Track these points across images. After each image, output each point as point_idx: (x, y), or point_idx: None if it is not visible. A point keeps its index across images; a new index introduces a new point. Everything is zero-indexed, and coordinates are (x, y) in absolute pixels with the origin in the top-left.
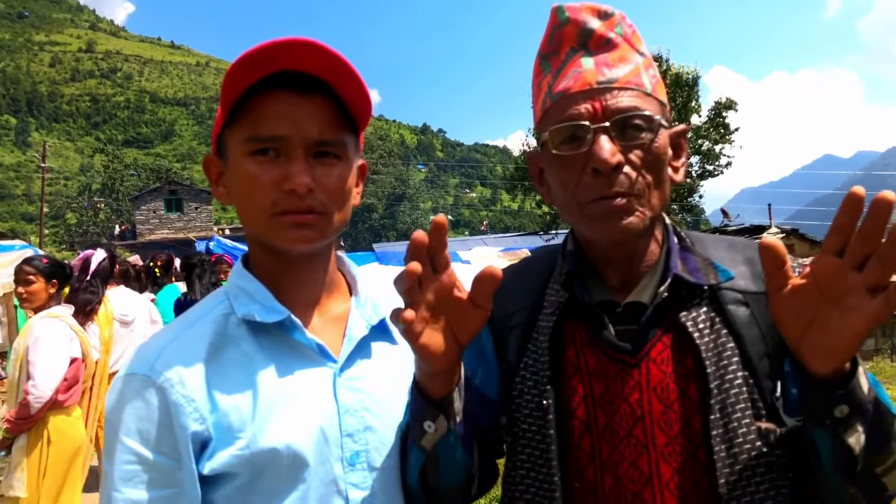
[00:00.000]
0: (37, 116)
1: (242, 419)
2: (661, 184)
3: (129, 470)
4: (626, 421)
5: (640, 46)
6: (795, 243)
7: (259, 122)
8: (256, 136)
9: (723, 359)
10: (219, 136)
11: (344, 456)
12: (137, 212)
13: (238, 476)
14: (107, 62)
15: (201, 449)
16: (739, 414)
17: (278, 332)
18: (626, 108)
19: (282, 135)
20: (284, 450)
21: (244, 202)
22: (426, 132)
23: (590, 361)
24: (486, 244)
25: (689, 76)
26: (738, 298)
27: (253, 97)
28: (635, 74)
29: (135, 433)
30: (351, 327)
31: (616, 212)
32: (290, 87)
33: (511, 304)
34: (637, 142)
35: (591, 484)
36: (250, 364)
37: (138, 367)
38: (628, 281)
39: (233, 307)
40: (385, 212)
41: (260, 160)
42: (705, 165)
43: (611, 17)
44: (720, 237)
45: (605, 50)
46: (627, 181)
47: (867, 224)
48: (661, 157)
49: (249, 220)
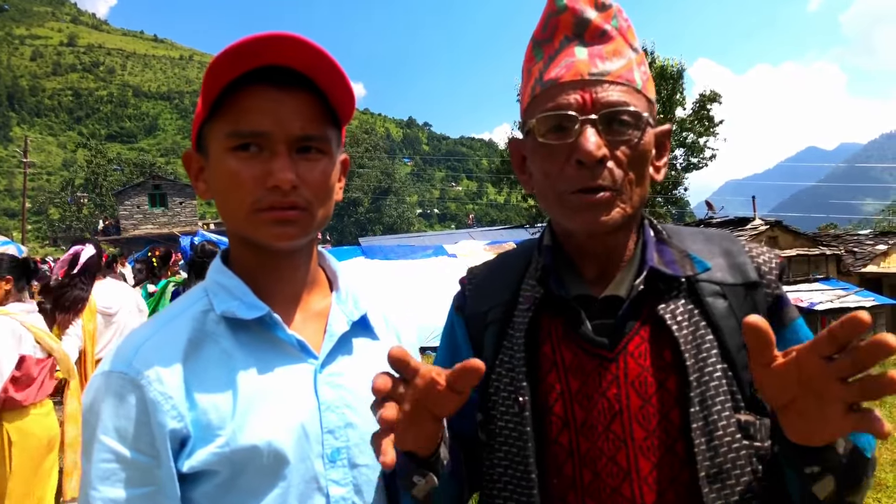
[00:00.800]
0: (18, 111)
1: (222, 416)
2: (643, 182)
3: (106, 468)
4: (604, 416)
5: (634, 42)
6: (779, 235)
7: (241, 117)
8: (238, 132)
9: (702, 351)
10: (199, 131)
11: (325, 452)
12: (121, 207)
13: (218, 474)
14: (89, 56)
15: (180, 447)
16: (719, 406)
17: (258, 328)
18: (615, 102)
19: (264, 130)
20: (265, 447)
21: (225, 198)
22: (412, 126)
23: (566, 356)
24: (473, 237)
25: (673, 69)
26: (716, 290)
27: (234, 92)
28: (628, 69)
29: (112, 431)
30: (332, 323)
31: (597, 205)
32: (272, 82)
33: (487, 300)
34: (623, 137)
35: (569, 479)
36: (230, 361)
37: (115, 364)
38: (605, 275)
39: (212, 303)
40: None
41: (242, 156)
42: (690, 158)
43: (608, 8)
44: (697, 230)
45: (599, 42)
46: (610, 176)
47: (863, 355)
48: (646, 155)
49: (231, 215)
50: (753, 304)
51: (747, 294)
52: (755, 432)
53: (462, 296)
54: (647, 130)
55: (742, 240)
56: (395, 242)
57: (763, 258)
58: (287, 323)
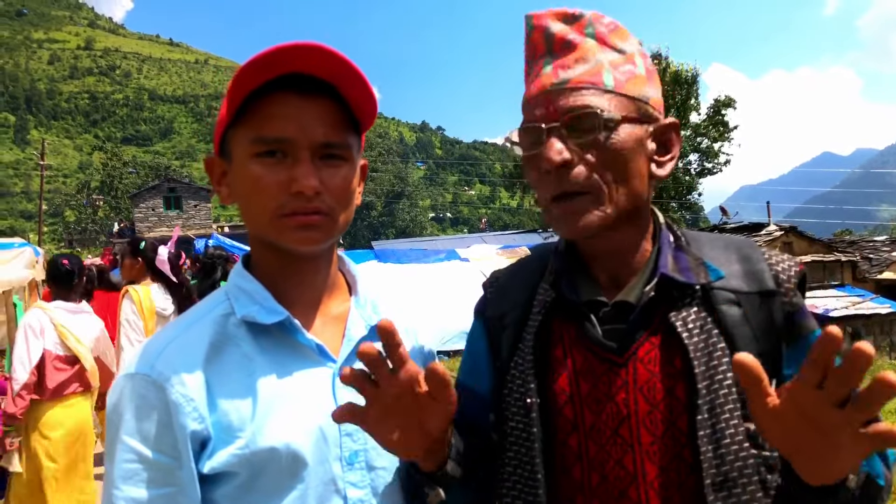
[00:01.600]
0: (35, 114)
1: (242, 418)
2: (627, 180)
3: (129, 468)
4: (612, 420)
5: (619, 44)
6: (794, 241)
7: (265, 123)
8: (262, 138)
9: (713, 359)
10: (222, 136)
11: (343, 455)
12: (136, 209)
13: (238, 475)
14: (105, 59)
15: (201, 448)
16: (728, 415)
17: (278, 332)
18: (574, 106)
19: (288, 137)
20: (284, 449)
21: (249, 203)
22: (425, 130)
23: (577, 360)
24: (485, 242)
25: (688, 74)
26: (731, 298)
27: (259, 99)
28: (593, 73)
29: (135, 432)
30: (350, 327)
31: (572, 212)
32: (296, 90)
33: (505, 303)
34: (589, 138)
35: (577, 482)
36: (250, 364)
37: (139, 366)
38: (618, 280)
39: (233, 307)
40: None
41: (266, 162)
42: (704, 163)
43: (579, 19)
44: (718, 236)
45: (564, 52)
46: (579, 179)
47: (845, 368)
48: (622, 154)
49: (254, 220)
50: (769, 312)
51: (762, 302)
52: (763, 441)
53: (483, 299)
54: (619, 129)
55: (763, 247)
56: (408, 246)
57: (782, 266)
58: (306, 327)
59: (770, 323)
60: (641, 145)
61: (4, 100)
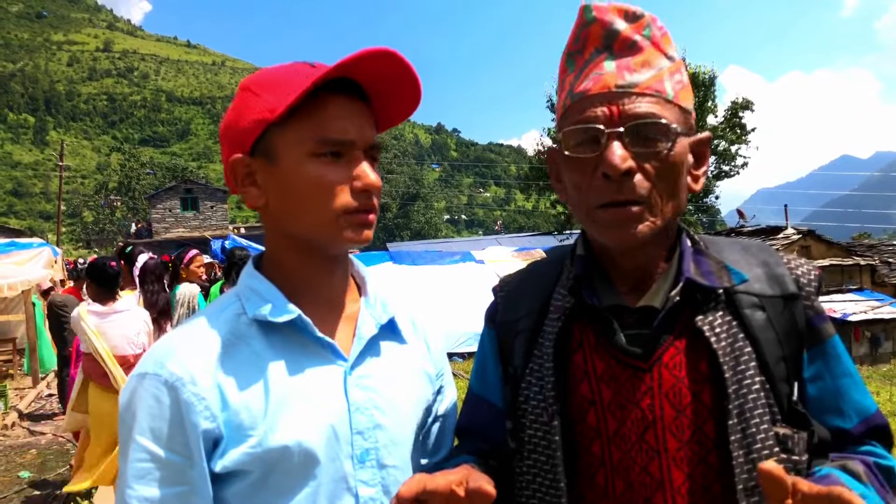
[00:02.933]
0: (55, 115)
1: (254, 417)
2: (676, 194)
3: (141, 468)
4: (638, 426)
5: (669, 50)
6: (812, 244)
7: (328, 124)
8: (328, 139)
9: (740, 363)
10: (261, 135)
11: (354, 453)
12: (153, 210)
13: (250, 474)
14: (124, 61)
15: (213, 447)
16: (757, 419)
17: (289, 331)
18: (642, 114)
19: (350, 138)
20: (295, 447)
21: (305, 203)
22: (440, 132)
23: (599, 366)
24: (500, 244)
25: (705, 76)
26: (755, 302)
27: (314, 99)
28: (657, 80)
29: (147, 431)
30: (361, 326)
31: (626, 220)
32: (343, 92)
33: (518, 309)
34: (652, 150)
35: (601, 488)
36: (261, 363)
37: (150, 366)
38: (640, 285)
39: (244, 307)
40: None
41: (326, 161)
42: (721, 166)
43: (640, 18)
44: (734, 240)
45: (629, 53)
46: (638, 189)
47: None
48: (677, 167)
49: (309, 220)
50: (792, 316)
51: (786, 306)
52: (793, 446)
53: (494, 305)
54: (678, 141)
55: (780, 251)
56: (423, 248)
57: (801, 270)
58: (318, 326)
59: (793, 327)
60: (687, 158)
61: (24, 101)
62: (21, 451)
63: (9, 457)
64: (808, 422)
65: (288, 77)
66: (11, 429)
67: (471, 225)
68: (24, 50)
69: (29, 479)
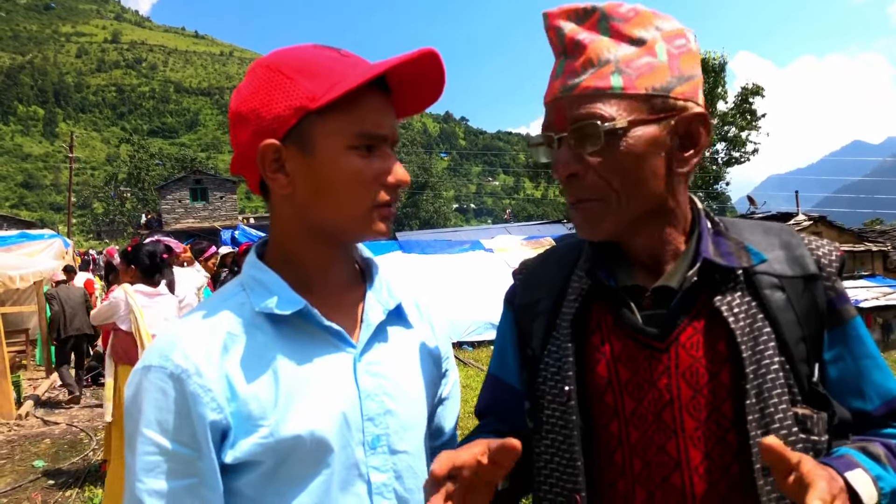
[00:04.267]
0: (64, 107)
1: (263, 407)
2: (639, 184)
3: (150, 461)
4: (655, 406)
5: (638, 32)
6: (823, 231)
7: (367, 118)
8: (367, 133)
9: (759, 343)
10: (297, 123)
11: (365, 440)
12: (163, 201)
13: (262, 464)
14: (132, 52)
15: (222, 438)
16: (776, 399)
17: (297, 319)
18: (579, 115)
19: (384, 133)
20: (308, 436)
21: (340, 194)
22: (448, 120)
23: (616, 347)
24: (510, 232)
25: (715, 62)
26: (774, 283)
27: (354, 91)
28: (599, 77)
29: (154, 424)
30: (368, 312)
31: (587, 218)
32: (378, 86)
33: (537, 291)
34: (596, 148)
35: (619, 467)
36: (269, 353)
37: (155, 358)
38: (657, 266)
39: (249, 298)
40: (408, 200)
41: (362, 154)
42: (731, 152)
43: (591, 14)
44: (755, 222)
45: (575, 54)
46: (591, 188)
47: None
48: (631, 159)
49: (344, 212)
50: (812, 297)
51: (806, 287)
52: (812, 426)
53: (513, 287)
54: (629, 133)
55: (801, 233)
56: (432, 237)
57: (823, 251)
58: (325, 313)
59: (813, 307)
60: (657, 144)
61: (34, 93)
62: (35, 441)
63: (23, 446)
64: (827, 402)
65: (328, 65)
66: (25, 418)
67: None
68: (32, 42)
69: (43, 469)
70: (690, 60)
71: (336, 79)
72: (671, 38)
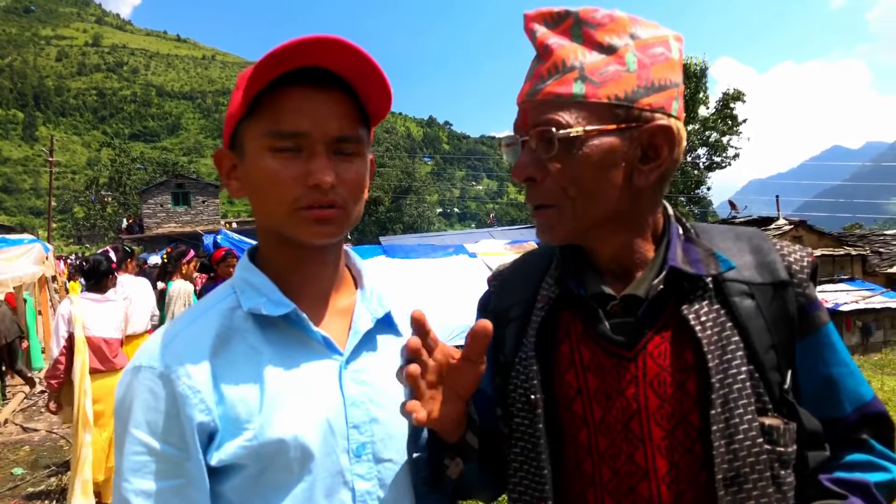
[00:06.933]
0: (44, 111)
1: (249, 411)
2: (593, 193)
3: (137, 461)
4: (622, 415)
5: (610, 39)
6: (804, 235)
7: (281, 117)
8: (279, 132)
9: (726, 352)
10: (234, 129)
11: (350, 447)
12: (145, 205)
13: (246, 467)
14: (113, 56)
15: (209, 440)
16: (742, 410)
17: (285, 325)
18: (539, 121)
19: (304, 130)
20: (292, 441)
21: (264, 196)
22: (432, 125)
23: (585, 355)
24: (493, 237)
25: (696, 67)
26: (744, 290)
27: (272, 92)
28: (562, 83)
29: (143, 424)
30: (356, 320)
31: (541, 223)
32: (310, 83)
33: (509, 297)
34: (553, 154)
35: (588, 476)
36: (257, 356)
37: (145, 359)
38: (626, 274)
39: (239, 300)
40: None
41: (282, 156)
42: (713, 157)
43: (564, 19)
44: (729, 227)
45: (544, 58)
46: (545, 194)
47: None
48: (585, 169)
49: (268, 214)
50: (783, 304)
51: (776, 294)
52: (778, 437)
53: (487, 294)
54: (587, 142)
55: (774, 238)
56: (416, 241)
57: (794, 256)
58: (313, 319)
59: (783, 314)
60: (615, 155)
61: (13, 97)
62: (14, 449)
63: (2, 454)
64: (794, 412)
65: (255, 70)
66: (4, 426)
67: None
68: (11, 45)
69: (22, 476)
70: (666, 69)
71: (254, 81)
72: (646, 46)
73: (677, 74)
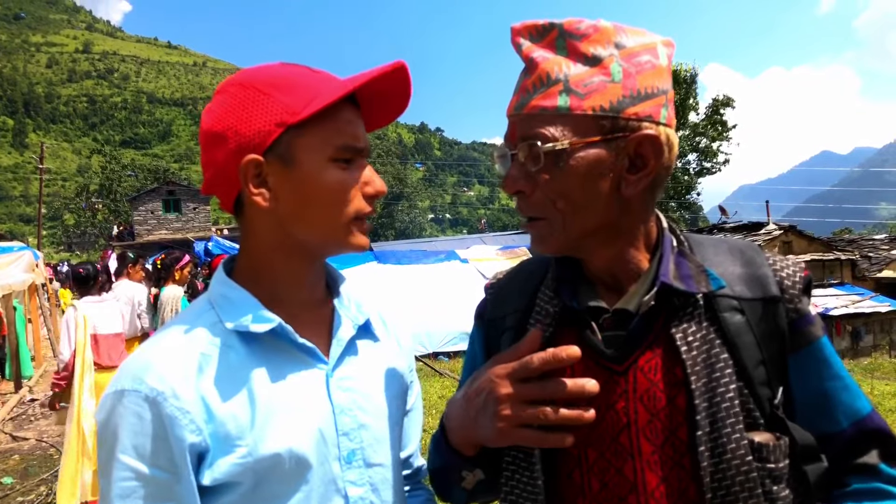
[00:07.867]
0: (34, 118)
1: (241, 427)
2: (582, 206)
3: (126, 486)
4: (612, 428)
5: (594, 50)
6: (793, 240)
7: (347, 131)
8: (349, 146)
9: (714, 370)
10: (278, 137)
11: (341, 455)
12: (135, 212)
13: (240, 484)
14: (104, 63)
15: (199, 460)
16: (729, 428)
17: (269, 337)
18: (525, 135)
19: (362, 146)
20: (286, 453)
21: (324, 207)
22: (424, 131)
23: (577, 368)
24: (485, 243)
25: (686, 74)
26: (734, 305)
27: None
28: (547, 97)
29: (130, 449)
30: (338, 328)
31: (534, 235)
32: (351, 100)
33: (505, 305)
34: (540, 167)
35: (578, 487)
36: (243, 372)
37: (129, 382)
38: (619, 286)
39: (219, 316)
40: (383, 211)
41: (343, 167)
42: (703, 163)
43: (548, 32)
44: (722, 240)
45: (529, 72)
46: (535, 206)
47: None
48: (572, 181)
49: (324, 224)
50: (773, 319)
51: (766, 309)
52: (768, 453)
53: (483, 302)
54: (573, 155)
55: (767, 251)
56: (408, 247)
57: (787, 272)
58: (296, 329)
59: (774, 330)
60: (602, 166)
61: (3, 104)
62: (4, 458)
63: None
64: (785, 427)
65: (303, 80)
66: None
67: (455, 224)
68: (1, 52)
69: (11, 485)
70: (653, 77)
71: (312, 93)
72: (632, 55)
73: (665, 81)
